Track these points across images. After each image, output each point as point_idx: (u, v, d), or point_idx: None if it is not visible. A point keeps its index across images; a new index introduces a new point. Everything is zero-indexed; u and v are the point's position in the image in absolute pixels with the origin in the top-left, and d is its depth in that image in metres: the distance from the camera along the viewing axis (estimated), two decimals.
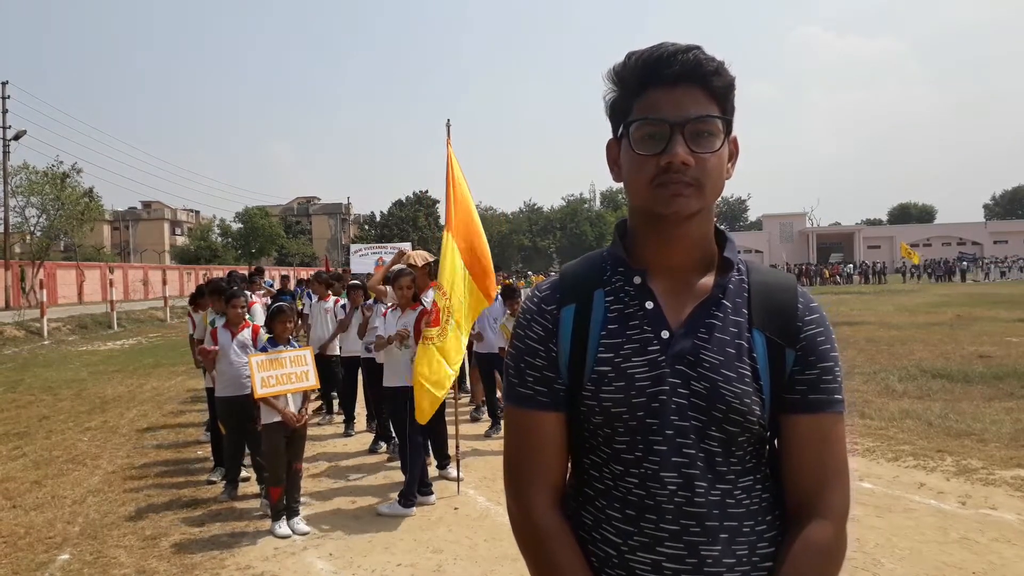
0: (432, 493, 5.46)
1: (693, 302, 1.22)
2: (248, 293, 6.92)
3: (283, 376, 4.93)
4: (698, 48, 1.17)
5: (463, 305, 5.56)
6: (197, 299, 7.11)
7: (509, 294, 7.78)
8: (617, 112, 1.24)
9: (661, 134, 1.16)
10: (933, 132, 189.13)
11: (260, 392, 4.84)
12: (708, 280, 1.24)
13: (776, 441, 1.25)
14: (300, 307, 9.86)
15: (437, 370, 5.21)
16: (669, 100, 1.16)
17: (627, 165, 1.22)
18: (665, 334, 1.20)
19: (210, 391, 6.29)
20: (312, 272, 11.96)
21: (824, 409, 1.19)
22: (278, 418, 4.95)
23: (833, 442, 1.20)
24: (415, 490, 5.28)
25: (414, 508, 5.22)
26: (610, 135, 1.29)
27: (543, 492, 1.25)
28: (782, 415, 1.21)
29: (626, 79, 1.21)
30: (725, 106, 1.19)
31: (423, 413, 5.19)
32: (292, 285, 15.19)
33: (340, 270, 15.37)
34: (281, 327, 5.15)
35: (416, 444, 5.33)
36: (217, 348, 5.66)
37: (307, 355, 5.14)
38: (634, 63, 1.20)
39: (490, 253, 5.98)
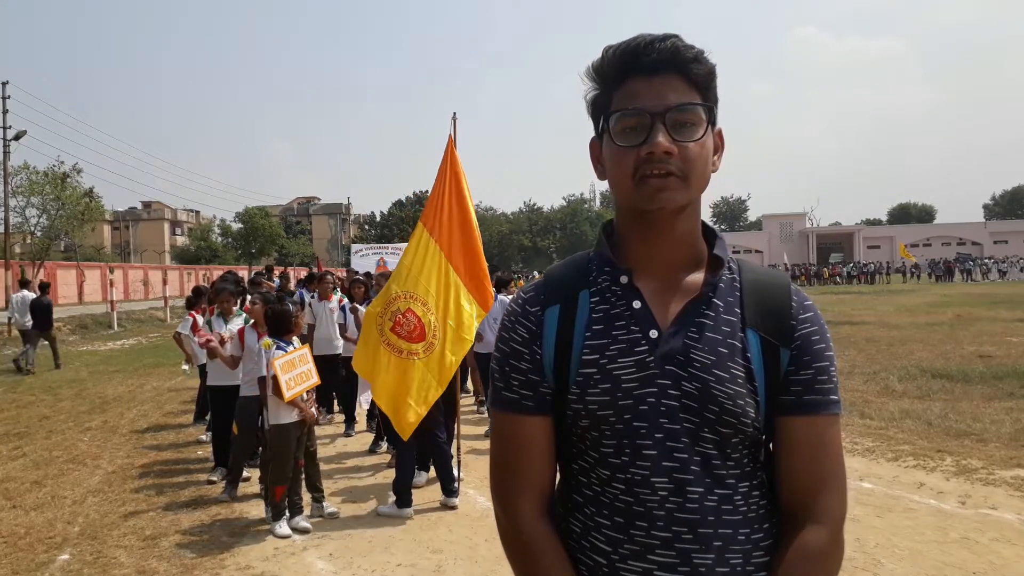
0: (410, 506, 5.26)
1: (682, 300, 1.18)
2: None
3: (298, 376, 4.98)
4: (676, 36, 1.15)
5: (456, 321, 5.29)
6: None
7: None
8: (598, 108, 1.21)
9: (642, 125, 1.12)
10: (933, 132, 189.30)
11: (289, 395, 4.85)
12: (697, 278, 1.20)
13: (771, 444, 1.20)
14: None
15: (423, 388, 5.05)
16: (648, 89, 1.12)
17: (609, 160, 1.19)
18: (654, 333, 1.15)
19: (213, 390, 6.29)
20: (297, 273, 11.90)
21: (820, 410, 1.15)
22: (293, 418, 4.96)
23: (829, 444, 1.16)
24: (410, 486, 5.28)
25: (411, 508, 5.21)
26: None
27: (530, 499, 1.21)
28: (777, 417, 1.16)
29: (604, 72, 1.18)
30: (707, 94, 1.16)
31: (405, 429, 5.03)
32: (292, 285, 15.16)
33: (340, 270, 15.33)
34: (293, 328, 5.24)
35: (404, 459, 5.27)
36: (207, 335, 5.86)
37: (307, 353, 5.25)
38: (611, 55, 1.17)
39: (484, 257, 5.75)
